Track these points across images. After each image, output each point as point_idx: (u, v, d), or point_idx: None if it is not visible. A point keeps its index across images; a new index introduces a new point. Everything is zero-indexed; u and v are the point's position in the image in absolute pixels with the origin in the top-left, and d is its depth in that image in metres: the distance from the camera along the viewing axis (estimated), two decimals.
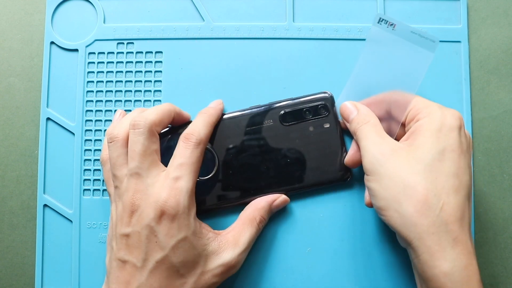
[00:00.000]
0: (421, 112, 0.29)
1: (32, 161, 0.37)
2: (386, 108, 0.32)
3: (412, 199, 0.27)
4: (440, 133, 0.28)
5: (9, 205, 0.37)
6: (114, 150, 0.31)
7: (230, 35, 0.36)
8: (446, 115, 0.29)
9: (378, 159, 0.28)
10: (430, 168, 0.27)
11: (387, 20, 0.31)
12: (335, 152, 0.34)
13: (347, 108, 0.33)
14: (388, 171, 0.28)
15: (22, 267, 0.36)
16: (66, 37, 0.37)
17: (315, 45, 0.36)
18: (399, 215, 0.27)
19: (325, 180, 0.34)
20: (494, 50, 0.37)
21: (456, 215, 0.26)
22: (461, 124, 0.29)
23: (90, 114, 0.36)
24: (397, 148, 0.29)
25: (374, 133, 0.30)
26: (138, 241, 0.28)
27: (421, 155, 0.28)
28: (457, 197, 0.27)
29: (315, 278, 0.34)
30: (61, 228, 0.35)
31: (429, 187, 0.27)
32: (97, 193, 0.36)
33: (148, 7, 0.37)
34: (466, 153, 0.28)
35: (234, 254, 0.30)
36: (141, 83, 0.36)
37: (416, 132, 0.29)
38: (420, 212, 0.26)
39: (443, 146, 0.28)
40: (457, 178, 0.27)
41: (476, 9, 0.37)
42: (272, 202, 0.33)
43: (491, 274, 0.35)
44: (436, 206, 0.26)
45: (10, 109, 0.37)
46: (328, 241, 0.34)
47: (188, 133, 0.30)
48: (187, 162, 0.29)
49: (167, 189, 0.28)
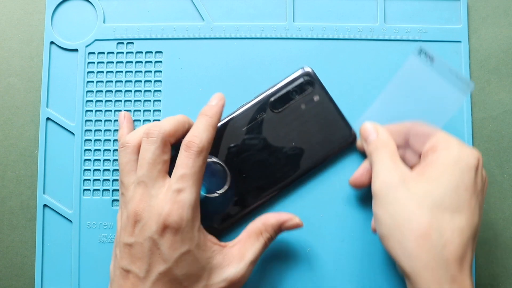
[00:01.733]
0: (440, 145, 0.29)
1: (32, 161, 0.37)
2: (406, 137, 0.32)
3: (414, 232, 0.26)
4: (456, 170, 0.27)
5: (9, 205, 0.37)
6: (124, 156, 0.30)
7: (230, 35, 0.36)
8: (465, 152, 0.28)
9: (388, 185, 0.28)
10: (439, 204, 0.27)
11: (427, 53, 0.31)
12: (333, 120, 0.34)
13: (367, 130, 0.32)
14: (396, 200, 0.27)
15: (22, 267, 0.36)
16: (66, 37, 0.37)
17: (315, 45, 0.36)
18: (400, 246, 0.26)
19: (334, 149, 0.34)
20: (494, 50, 0.37)
21: (457, 254, 0.26)
22: (478, 164, 0.28)
23: (90, 114, 0.36)
24: (410, 177, 0.28)
25: (389, 158, 0.29)
26: (141, 252, 0.28)
27: (432, 189, 0.27)
28: (461, 237, 0.26)
29: (315, 278, 0.34)
30: (61, 228, 0.35)
31: (433, 223, 0.26)
32: (97, 193, 0.36)
33: (148, 7, 0.37)
34: (480, 194, 0.28)
35: (239, 269, 0.30)
36: (141, 83, 0.36)
37: (431, 163, 0.28)
38: (421, 246, 0.26)
39: (457, 184, 0.27)
40: (465, 218, 0.27)
41: (476, 9, 0.37)
42: (283, 222, 0.31)
43: (491, 274, 0.35)
44: (438, 242, 0.26)
45: (10, 109, 0.37)
46: (328, 241, 0.34)
47: (189, 140, 0.29)
48: (190, 172, 0.29)
49: (170, 202, 0.28)
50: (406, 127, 0.32)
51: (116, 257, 0.30)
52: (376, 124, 0.32)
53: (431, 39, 0.36)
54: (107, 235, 0.35)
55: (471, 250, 0.27)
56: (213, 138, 0.31)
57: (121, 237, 0.29)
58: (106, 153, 0.36)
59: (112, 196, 0.35)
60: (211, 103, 0.32)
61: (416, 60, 0.31)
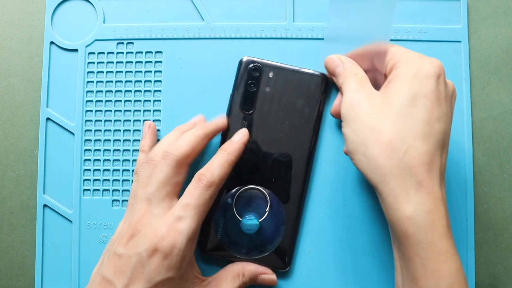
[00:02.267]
0: (400, 61, 0.29)
1: (32, 161, 0.37)
2: (370, 59, 0.32)
3: (378, 142, 0.27)
4: (415, 79, 0.27)
5: (9, 205, 0.37)
6: (146, 170, 0.31)
7: (230, 35, 0.36)
8: (424, 63, 0.28)
9: (352, 104, 0.29)
10: (400, 113, 0.27)
11: None
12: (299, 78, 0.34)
13: (334, 62, 0.32)
14: (359, 116, 0.28)
15: (22, 267, 0.36)
16: (66, 37, 0.37)
17: (315, 45, 0.36)
18: (365, 158, 0.27)
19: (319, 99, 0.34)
20: (494, 50, 0.37)
21: (422, 160, 0.26)
22: (440, 72, 0.28)
23: (90, 114, 0.36)
24: (373, 95, 0.29)
25: (357, 84, 0.30)
26: (126, 266, 0.28)
27: (393, 101, 0.27)
28: (425, 142, 0.26)
29: (315, 278, 0.34)
30: (61, 228, 0.35)
31: (395, 131, 0.26)
32: (97, 193, 0.36)
33: (148, 7, 0.37)
34: (444, 102, 0.28)
35: None
36: (141, 83, 0.36)
37: (392, 79, 0.29)
38: (384, 154, 0.26)
39: (416, 92, 0.27)
40: (427, 125, 0.27)
41: (476, 9, 0.37)
42: (261, 273, 0.33)
43: (491, 274, 0.35)
44: (400, 149, 0.26)
45: (10, 109, 0.37)
46: (328, 241, 0.34)
47: (201, 173, 0.30)
48: (194, 203, 0.29)
49: (167, 227, 0.28)
50: (366, 50, 0.31)
51: (102, 264, 0.30)
52: (340, 55, 0.33)
53: (431, 39, 0.36)
54: (107, 235, 0.35)
55: (439, 157, 0.27)
56: (227, 175, 0.31)
57: (114, 245, 0.29)
58: (106, 153, 0.36)
59: (112, 196, 0.35)
60: (234, 138, 0.33)
61: None
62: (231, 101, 0.35)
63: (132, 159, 0.36)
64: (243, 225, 0.32)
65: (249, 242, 0.33)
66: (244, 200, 0.34)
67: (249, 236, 0.33)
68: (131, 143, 0.36)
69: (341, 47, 0.33)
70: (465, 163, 0.35)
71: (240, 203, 0.33)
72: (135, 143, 0.36)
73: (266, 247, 0.33)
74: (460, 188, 0.35)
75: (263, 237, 0.33)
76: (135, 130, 0.36)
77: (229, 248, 0.33)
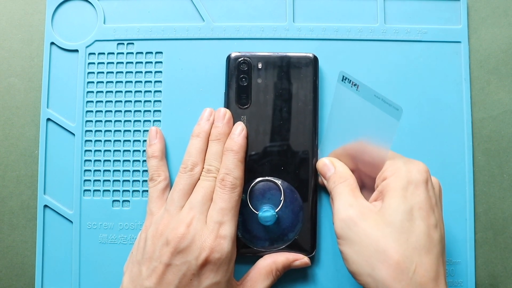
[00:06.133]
0: (387, 170, 0.29)
1: (32, 161, 0.37)
2: (354, 161, 0.31)
3: (385, 264, 0.26)
4: (407, 192, 0.28)
5: (9, 205, 0.37)
6: (185, 180, 0.32)
7: (230, 35, 0.36)
8: (412, 171, 0.28)
9: (347, 223, 0.28)
10: (400, 230, 0.27)
11: (350, 79, 0.30)
12: (287, 63, 0.34)
13: (325, 165, 0.32)
14: (358, 236, 0.27)
15: (22, 268, 0.36)
16: (66, 37, 0.37)
17: (315, 45, 0.36)
18: (373, 280, 0.26)
19: (312, 77, 0.34)
20: (494, 50, 0.37)
21: (430, 276, 0.26)
22: (427, 177, 0.28)
23: (90, 114, 0.36)
24: (367, 211, 0.28)
25: (348, 193, 0.30)
26: (173, 276, 0.29)
27: (390, 217, 0.27)
28: (429, 256, 0.26)
29: (315, 278, 0.34)
30: (61, 228, 0.35)
31: (400, 251, 0.26)
32: (98, 193, 0.36)
33: (148, 7, 0.37)
34: (435, 207, 0.28)
35: None
36: (141, 83, 0.36)
37: (383, 192, 0.28)
38: (393, 276, 0.26)
39: (411, 205, 0.27)
40: (428, 237, 0.27)
41: (476, 9, 0.37)
42: (293, 261, 0.33)
43: (491, 274, 0.35)
44: (409, 269, 0.26)
45: (10, 109, 0.37)
46: (328, 241, 0.34)
47: (222, 179, 0.31)
48: (227, 206, 0.31)
49: (213, 235, 0.29)
50: (353, 150, 0.31)
51: (139, 274, 0.30)
52: (332, 159, 0.32)
53: (431, 39, 0.36)
54: (107, 236, 0.35)
55: (442, 264, 0.27)
56: (243, 172, 0.32)
57: (155, 254, 0.30)
58: (107, 154, 0.36)
59: (112, 197, 0.35)
60: (234, 134, 0.33)
61: (343, 87, 0.30)
62: (226, 99, 0.35)
63: (133, 160, 0.36)
64: (260, 218, 0.32)
65: (270, 234, 0.33)
66: (257, 193, 0.34)
67: (269, 228, 0.33)
68: (132, 144, 0.36)
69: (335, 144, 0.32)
70: (465, 163, 0.35)
71: (254, 197, 0.33)
72: (135, 144, 0.36)
73: (288, 235, 0.33)
74: (460, 188, 0.35)
75: (283, 226, 0.33)
76: (135, 131, 0.36)
77: (252, 243, 0.33)
